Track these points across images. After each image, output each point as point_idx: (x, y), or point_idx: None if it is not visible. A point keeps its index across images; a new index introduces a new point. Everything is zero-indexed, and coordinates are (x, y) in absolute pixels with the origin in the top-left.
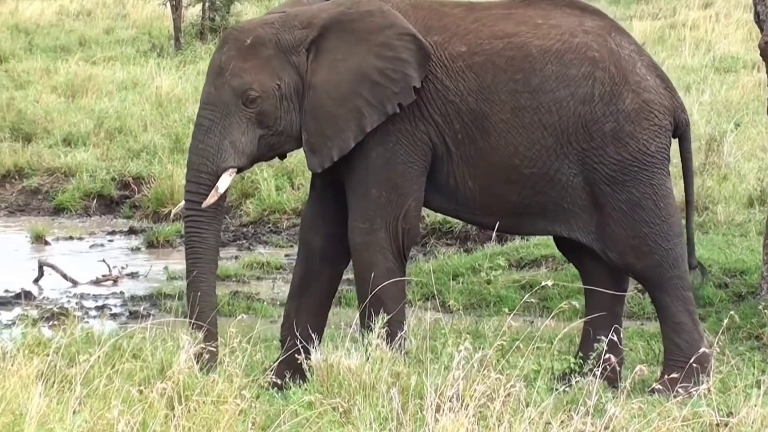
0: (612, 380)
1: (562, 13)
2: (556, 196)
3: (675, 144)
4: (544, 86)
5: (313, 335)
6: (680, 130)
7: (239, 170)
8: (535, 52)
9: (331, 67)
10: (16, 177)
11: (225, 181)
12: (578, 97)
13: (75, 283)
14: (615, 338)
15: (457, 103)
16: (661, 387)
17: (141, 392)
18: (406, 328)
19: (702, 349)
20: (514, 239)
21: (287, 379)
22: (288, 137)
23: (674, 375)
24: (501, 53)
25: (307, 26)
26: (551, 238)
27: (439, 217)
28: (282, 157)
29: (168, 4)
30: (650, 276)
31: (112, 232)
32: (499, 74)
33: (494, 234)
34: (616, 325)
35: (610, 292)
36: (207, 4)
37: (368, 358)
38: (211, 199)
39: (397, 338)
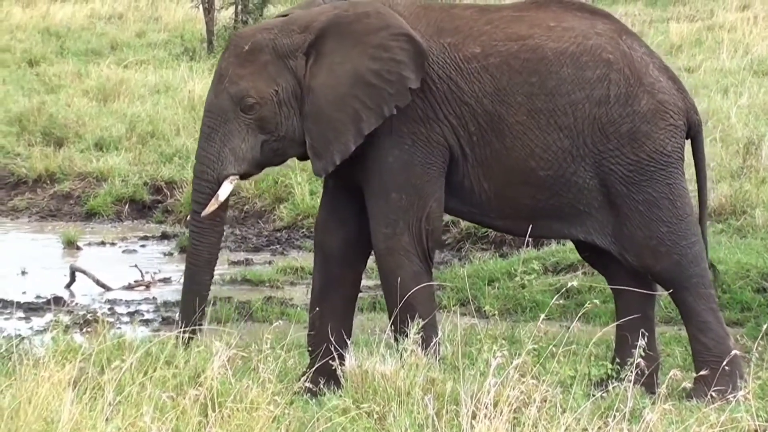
0: (649, 386)
1: (573, 16)
2: (571, 198)
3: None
4: (560, 89)
5: (341, 341)
6: (693, 131)
7: (244, 176)
8: (550, 54)
9: (330, 70)
10: (48, 182)
11: (225, 189)
12: (594, 99)
13: (107, 289)
14: (646, 343)
15: (472, 104)
16: (695, 387)
17: (174, 399)
18: (439, 331)
19: (732, 351)
20: (549, 243)
21: (321, 385)
22: (291, 142)
23: (705, 373)
24: (516, 55)
25: (305, 30)
26: None
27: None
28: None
29: (200, 7)
30: (670, 276)
31: (145, 237)
32: (514, 76)
33: (528, 238)
34: (649, 329)
35: (639, 290)
36: (239, 7)
37: (403, 364)
38: (211, 207)
39: (432, 343)
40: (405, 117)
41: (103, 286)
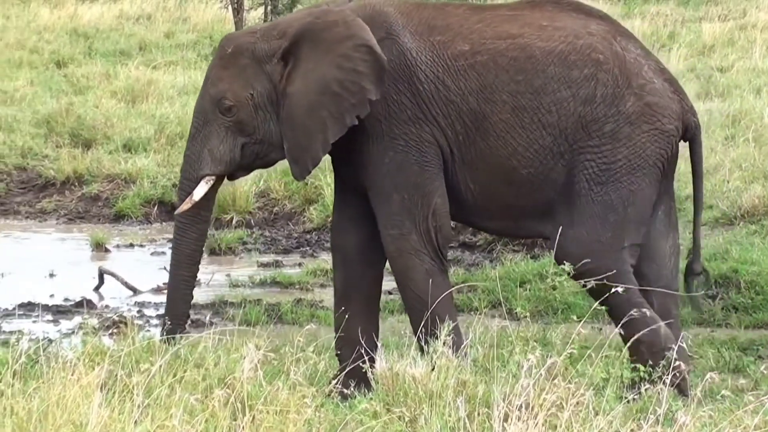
0: (682, 388)
1: (567, 16)
2: (546, 194)
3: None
4: (546, 87)
5: (370, 342)
6: (690, 134)
7: (230, 177)
8: (538, 53)
9: (303, 76)
10: (76, 183)
11: (200, 189)
12: (580, 98)
13: (135, 291)
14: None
15: (458, 103)
16: None
17: (203, 402)
18: (460, 328)
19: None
20: None
21: (352, 388)
22: (270, 146)
23: None
24: (504, 53)
25: (282, 36)
26: None
27: None
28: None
29: (229, 7)
30: (600, 281)
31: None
32: (501, 74)
33: (513, 239)
34: (674, 328)
35: (662, 290)
36: (269, 8)
37: (434, 367)
38: (185, 206)
39: (462, 345)
40: (395, 119)
41: (131, 288)
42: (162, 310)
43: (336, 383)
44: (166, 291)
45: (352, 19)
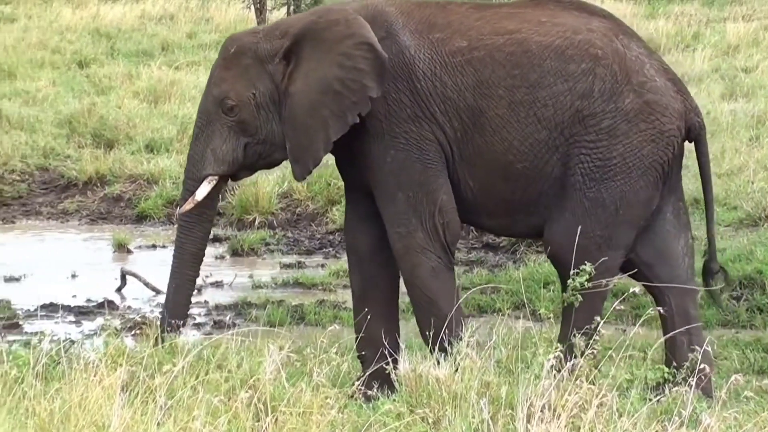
0: (706, 390)
1: (569, 14)
2: (539, 189)
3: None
4: (542, 81)
5: (392, 342)
6: (694, 134)
7: (234, 178)
8: (534, 47)
9: (305, 76)
10: (98, 184)
11: (203, 189)
12: (576, 92)
13: (158, 292)
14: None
15: (456, 99)
16: None
17: (226, 403)
18: (463, 325)
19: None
20: None
21: (375, 390)
22: (273, 146)
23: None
24: (501, 48)
25: (284, 35)
26: None
27: None
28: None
29: (252, 7)
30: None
31: None
32: (497, 69)
33: (509, 237)
34: (694, 327)
35: (678, 286)
36: (292, 7)
37: (457, 368)
38: (187, 206)
39: (457, 337)
40: (395, 117)
41: (154, 289)
42: None
43: (359, 384)
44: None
45: (354, 17)
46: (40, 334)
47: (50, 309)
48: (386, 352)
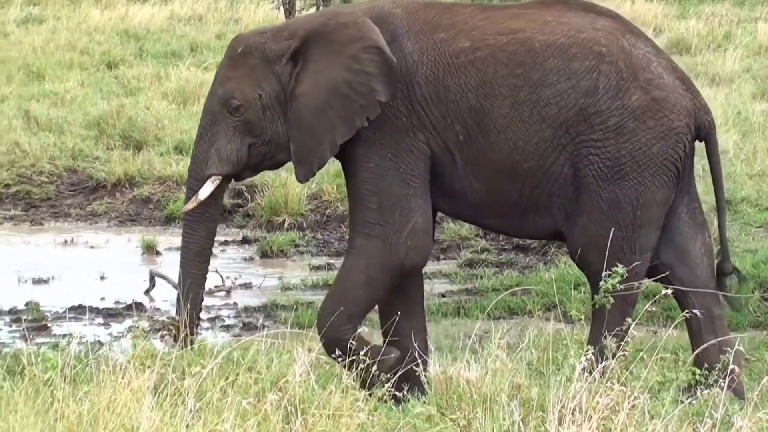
0: (738, 392)
1: (575, 14)
2: (549, 189)
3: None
4: (546, 80)
5: (421, 344)
6: (704, 133)
7: (237, 178)
8: (537, 46)
9: (312, 77)
10: (127, 186)
11: (206, 189)
12: (580, 89)
13: None
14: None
15: (458, 101)
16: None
17: (255, 405)
18: (360, 334)
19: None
20: None
21: (405, 392)
22: (278, 147)
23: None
24: (503, 48)
25: (292, 36)
26: None
27: None
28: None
29: (281, 7)
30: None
31: (225, 242)
32: (500, 69)
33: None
34: (720, 327)
35: (701, 290)
36: (320, 8)
37: (488, 370)
38: (190, 205)
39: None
40: (390, 126)
41: None
42: (213, 313)
43: (389, 386)
44: (217, 294)
45: (363, 20)
46: (68, 336)
47: (79, 311)
48: (416, 354)
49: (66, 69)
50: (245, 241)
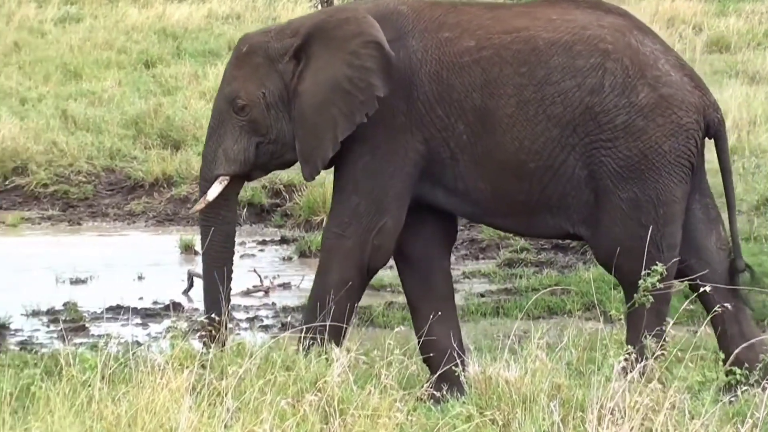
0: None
1: (582, 12)
2: (561, 190)
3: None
4: (550, 78)
5: (459, 342)
6: (713, 130)
7: (248, 178)
8: (542, 44)
9: (314, 74)
10: (165, 185)
11: (214, 189)
12: (586, 87)
13: None
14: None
15: (462, 101)
16: None
17: (294, 405)
18: (340, 343)
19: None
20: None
21: (444, 392)
22: (284, 145)
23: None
24: (508, 47)
25: (294, 34)
26: None
27: None
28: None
29: (319, 6)
30: (634, 280)
31: (263, 242)
32: (505, 68)
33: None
34: (745, 321)
35: (721, 286)
36: None
37: (527, 370)
38: (198, 206)
39: (324, 349)
40: (387, 125)
41: None
42: (251, 313)
43: (428, 386)
44: (255, 294)
45: (363, 16)
46: (106, 337)
47: (116, 311)
48: (455, 354)
49: (103, 68)
50: (283, 240)
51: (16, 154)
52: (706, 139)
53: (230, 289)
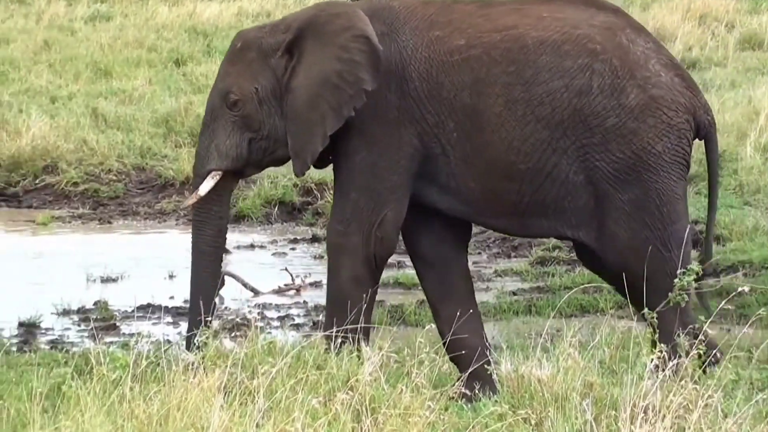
0: None
1: (573, 9)
2: (555, 193)
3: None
4: (538, 78)
5: (482, 340)
6: (703, 131)
7: (241, 175)
8: (530, 43)
9: (306, 69)
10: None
11: (206, 184)
12: (574, 88)
13: (256, 293)
14: None
15: (451, 99)
16: None
17: (325, 404)
18: (363, 340)
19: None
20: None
21: (476, 391)
22: (276, 141)
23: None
24: (497, 45)
25: (287, 30)
26: (750, 241)
27: None
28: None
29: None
30: (649, 284)
31: (295, 240)
32: (493, 67)
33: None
34: None
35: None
36: None
37: (560, 369)
38: (189, 201)
39: (348, 344)
40: (380, 119)
41: (252, 290)
42: (282, 312)
43: (460, 385)
44: (286, 292)
45: (353, 11)
46: (137, 336)
47: (147, 310)
48: (486, 352)
49: (134, 66)
50: (315, 239)
51: (47, 153)
52: (696, 140)
53: (220, 285)
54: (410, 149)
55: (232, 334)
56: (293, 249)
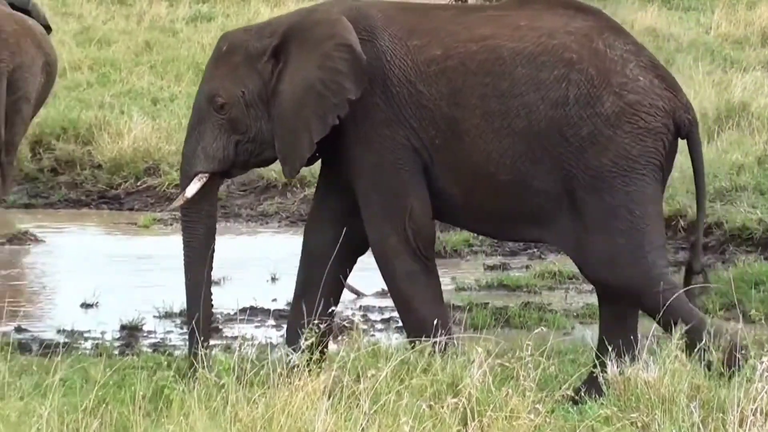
0: None
1: (552, 15)
2: (536, 203)
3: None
4: (513, 90)
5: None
6: (684, 131)
7: (227, 175)
8: (506, 54)
9: (291, 75)
10: (298, 185)
11: (193, 186)
12: (550, 100)
13: (360, 295)
14: None
15: (431, 108)
16: None
17: (432, 408)
18: (448, 324)
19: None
20: None
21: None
22: (263, 144)
23: None
24: (473, 56)
25: (273, 34)
26: None
27: (738, 222)
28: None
29: None
30: (633, 290)
31: None
32: (469, 78)
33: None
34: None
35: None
36: None
37: (666, 371)
38: (176, 203)
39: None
40: (371, 120)
41: (356, 292)
42: (386, 315)
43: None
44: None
45: (337, 18)
46: (240, 339)
47: (250, 312)
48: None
49: None
50: None
51: (148, 155)
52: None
53: (210, 282)
54: (406, 148)
55: (337, 337)
56: None
